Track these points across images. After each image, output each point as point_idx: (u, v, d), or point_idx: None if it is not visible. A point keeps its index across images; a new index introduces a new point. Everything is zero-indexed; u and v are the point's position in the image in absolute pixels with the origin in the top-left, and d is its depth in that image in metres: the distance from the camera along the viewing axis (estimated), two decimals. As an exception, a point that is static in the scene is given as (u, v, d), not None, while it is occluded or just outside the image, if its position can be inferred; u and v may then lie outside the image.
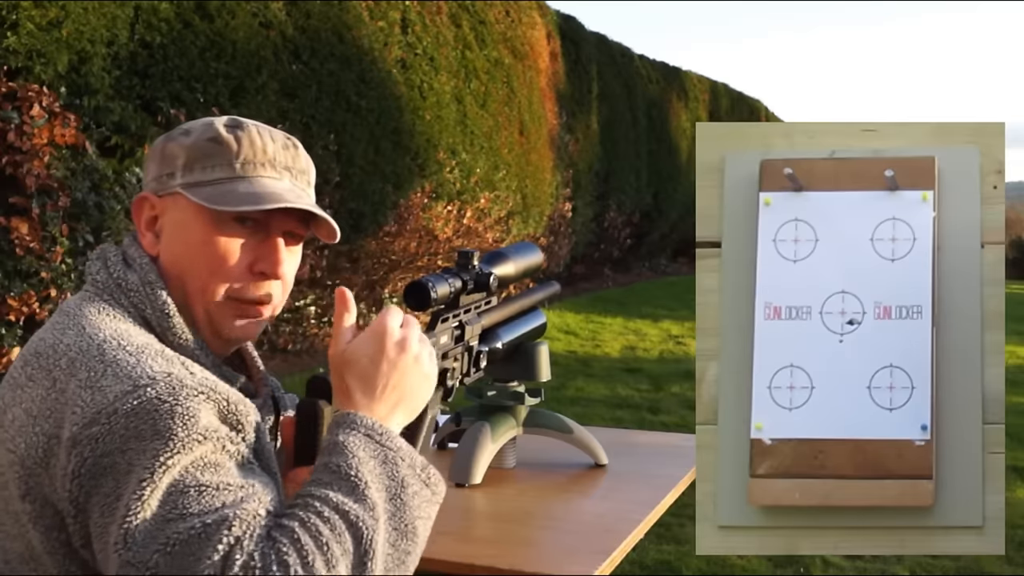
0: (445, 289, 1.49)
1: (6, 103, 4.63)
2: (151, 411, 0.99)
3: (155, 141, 1.24)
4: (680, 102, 15.13)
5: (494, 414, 1.86)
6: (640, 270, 14.60)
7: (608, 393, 6.61)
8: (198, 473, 0.98)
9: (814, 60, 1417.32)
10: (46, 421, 1.03)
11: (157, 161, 1.21)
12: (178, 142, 1.21)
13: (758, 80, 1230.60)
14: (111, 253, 1.20)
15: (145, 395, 0.99)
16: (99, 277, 1.17)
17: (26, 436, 1.03)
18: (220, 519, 0.95)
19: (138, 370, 1.02)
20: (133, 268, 1.18)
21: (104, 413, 0.99)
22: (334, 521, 0.98)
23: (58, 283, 4.64)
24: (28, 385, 1.06)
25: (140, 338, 1.09)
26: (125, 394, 1.00)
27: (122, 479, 0.97)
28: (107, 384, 1.01)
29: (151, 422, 0.98)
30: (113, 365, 1.03)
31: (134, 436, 0.98)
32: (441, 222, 7.99)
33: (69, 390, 1.02)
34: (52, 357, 1.07)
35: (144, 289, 1.15)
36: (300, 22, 6.97)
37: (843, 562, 3.69)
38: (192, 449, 0.98)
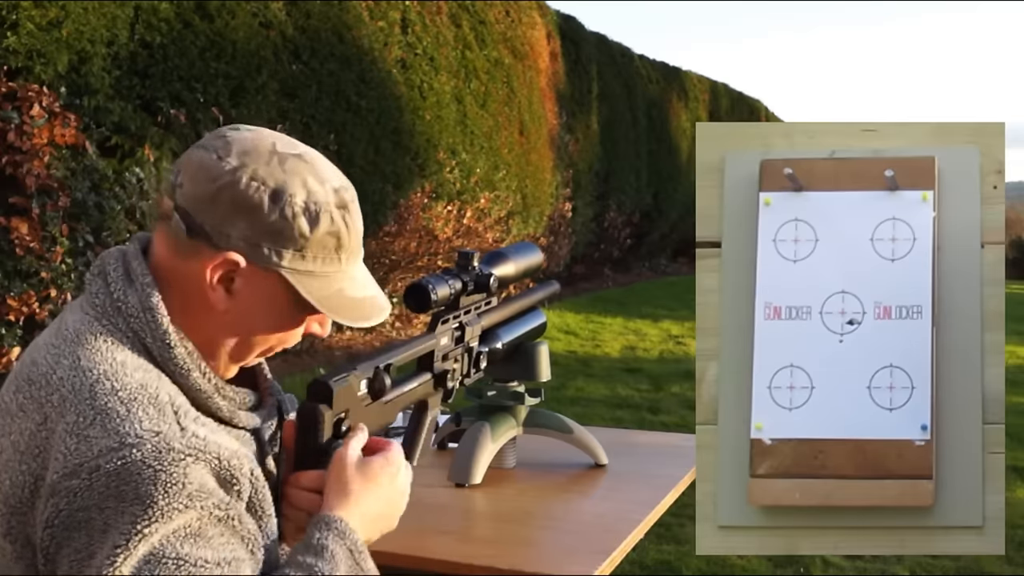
0: (445, 291, 1.49)
1: (6, 103, 4.63)
2: (134, 474, 0.96)
3: (245, 182, 1.08)
4: (680, 102, 15.13)
5: (494, 414, 1.86)
6: (640, 270, 14.60)
7: (608, 393, 6.61)
8: (178, 544, 0.95)
9: (814, 60, 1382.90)
10: (33, 460, 1.00)
11: (257, 222, 1.08)
12: (295, 223, 1.09)
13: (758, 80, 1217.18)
14: (112, 267, 1.12)
15: (130, 456, 0.96)
16: (98, 299, 1.10)
17: (12, 473, 1.01)
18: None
19: (126, 425, 0.98)
20: (135, 286, 1.10)
21: (86, 467, 0.96)
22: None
23: (58, 283, 4.64)
24: (19, 416, 1.03)
25: (136, 376, 1.03)
26: (110, 451, 0.96)
27: (96, 538, 0.95)
28: (93, 435, 0.97)
29: (133, 485, 0.95)
30: (103, 414, 0.99)
31: (113, 496, 0.95)
32: (441, 222, 8.00)
33: (57, 432, 0.99)
34: (45, 389, 1.03)
35: (145, 316, 1.08)
36: (300, 22, 6.97)
37: (843, 562, 3.69)
38: (173, 518, 0.96)
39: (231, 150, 1.09)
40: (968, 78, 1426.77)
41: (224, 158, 1.08)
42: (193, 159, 1.10)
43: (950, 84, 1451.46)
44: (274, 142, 1.12)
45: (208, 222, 1.08)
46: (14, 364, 1.17)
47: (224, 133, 1.13)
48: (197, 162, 1.09)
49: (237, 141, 1.10)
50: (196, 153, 1.11)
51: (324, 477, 1.18)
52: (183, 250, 1.09)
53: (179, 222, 1.08)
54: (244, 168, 1.08)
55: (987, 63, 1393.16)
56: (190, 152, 1.12)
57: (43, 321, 4.58)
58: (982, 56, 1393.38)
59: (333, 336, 7.58)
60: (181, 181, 1.09)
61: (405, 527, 1.23)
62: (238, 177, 1.08)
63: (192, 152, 1.11)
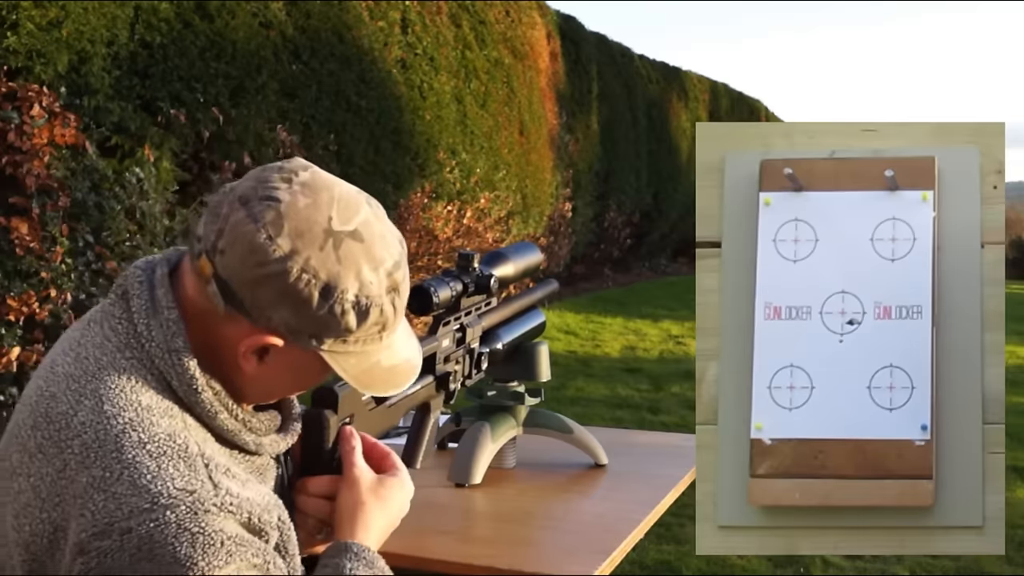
0: (447, 293, 1.50)
1: (6, 103, 4.62)
2: (169, 537, 0.94)
3: (295, 274, 1.02)
4: (680, 102, 15.13)
5: (494, 414, 1.86)
6: (640, 270, 14.60)
7: (608, 393, 6.61)
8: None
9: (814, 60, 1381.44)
10: (53, 509, 0.97)
11: (303, 315, 1.03)
12: (343, 319, 1.04)
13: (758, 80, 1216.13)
14: (136, 292, 1.07)
15: (163, 518, 0.94)
16: (121, 325, 1.06)
17: (31, 519, 0.98)
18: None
19: (157, 484, 0.95)
20: (159, 319, 1.05)
21: (117, 528, 0.94)
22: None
23: (58, 283, 4.64)
24: (37, 456, 1.00)
25: (163, 424, 1.00)
26: (142, 512, 0.94)
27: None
28: (122, 492, 0.95)
29: (170, 549, 0.94)
30: (131, 469, 0.96)
31: (147, 559, 0.93)
32: (441, 222, 7.99)
33: (79, 483, 0.96)
34: (64, 432, 0.99)
35: (170, 358, 1.04)
36: (300, 22, 6.97)
37: (843, 562, 3.69)
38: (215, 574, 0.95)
39: (283, 228, 1.01)
40: (968, 78, 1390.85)
41: (275, 239, 1.01)
42: (240, 232, 1.02)
43: (950, 84, 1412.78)
44: (330, 216, 1.04)
45: (249, 301, 1.03)
46: (29, 390, 1.10)
47: (275, 195, 1.03)
48: (244, 237, 1.02)
49: (291, 216, 1.02)
50: (243, 224, 1.02)
51: (332, 483, 1.18)
52: (218, 312, 1.05)
53: (217, 293, 1.03)
54: (296, 256, 1.01)
55: (987, 63, 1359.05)
56: (236, 217, 1.02)
57: (43, 321, 4.58)
58: (982, 56, 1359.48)
59: (333, 336, 7.57)
60: (223, 248, 1.02)
61: (405, 527, 1.23)
62: (288, 268, 1.01)
63: (238, 219, 1.02)
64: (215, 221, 1.04)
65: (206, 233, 1.04)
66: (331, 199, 1.05)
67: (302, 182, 1.05)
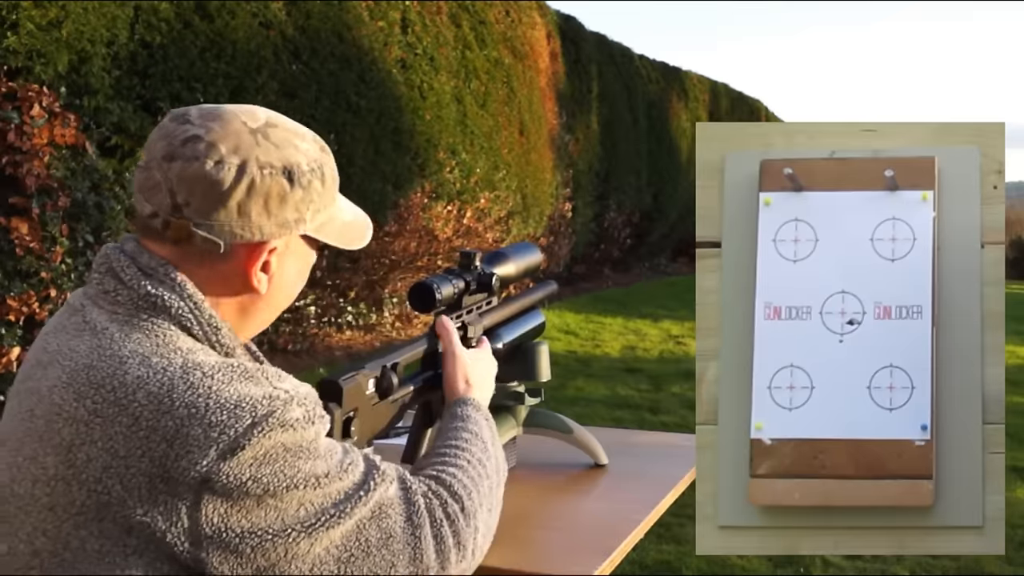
0: (449, 290, 1.50)
1: (6, 103, 4.62)
2: (277, 439, 1.04)
3: (256, 175, 1.10)
4: (680, 102, 15.13)
5: (494, 414, 1.86)
6: (640, 270, 14.60)
7: (608, 393, 6.61)
8: (331, 456, 1.08)
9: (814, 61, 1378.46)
10: (140, 460, 1.01)
11: (274, 204, 1.12)
12: (306, 188, 1.14)
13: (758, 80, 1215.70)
14: (118, 264, 1.12)
15: (267, 425, 1.03)
16: (121, 295, 1.10)
17: (120, 477, 1.02)
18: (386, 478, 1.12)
19: (245, 401, 1.03)
20: (158, 280, 1.11)
21: (229, 449, 1.01)
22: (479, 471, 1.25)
23: (58, 283, 4.63)
24: (96, 421, 1.03)
25: (211, 358, 1.07)
26: (246, 429, 1.02)
27: (271, 506, 1.03)
28: (218, 420, 1.02)
29: (281, 448, 1.04)
30: (214, 397, 1.02)
31: (267, 463, 1.03)
32: (441, 222, 7.99)
33: (165, 428, 1.01)
34: (120, 391, 1.03)
35: (186, 304, 1.10)
36: (300, 22, 6.97)
37: (843, 562, 3.69)
38: (317, 447, 1.07)
39: (220, 150, 1.09)
40: (968, 78, 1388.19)
41: (223, 161, 1.09)
42: (189, 176, 1.08)
43: (950, 84, 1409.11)
44: (243, 122, 1.12)
45: (238, 225, 1.10)
46: (31, 367, 1.15)
47: (191, 133, 1.10)
48: (197, 178, 1.08)
49: (217, 138, 1.10)
50: (187, 169, 1.08)
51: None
52: (214, 258, 1.12)
53: (207, 239, 1.10)
54: (247, 162, 1.10)
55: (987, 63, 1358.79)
56: (176, 170, 1.09)
57: (43, 321, 4.57)
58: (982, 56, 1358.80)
59: (333, 336, 7.58)
60: (184, 200, 1.09)
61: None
62: (250, 173, 1.10)
63: (179, 169, 1.09)
64: (157, 190, 1.10)
65: (157, 204, 1.10)
66: (231, 112, 1.13)
67: (198, 115, 1.12)
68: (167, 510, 1.01)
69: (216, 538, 1.02)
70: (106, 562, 1.03)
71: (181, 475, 1.01)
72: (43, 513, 1.05)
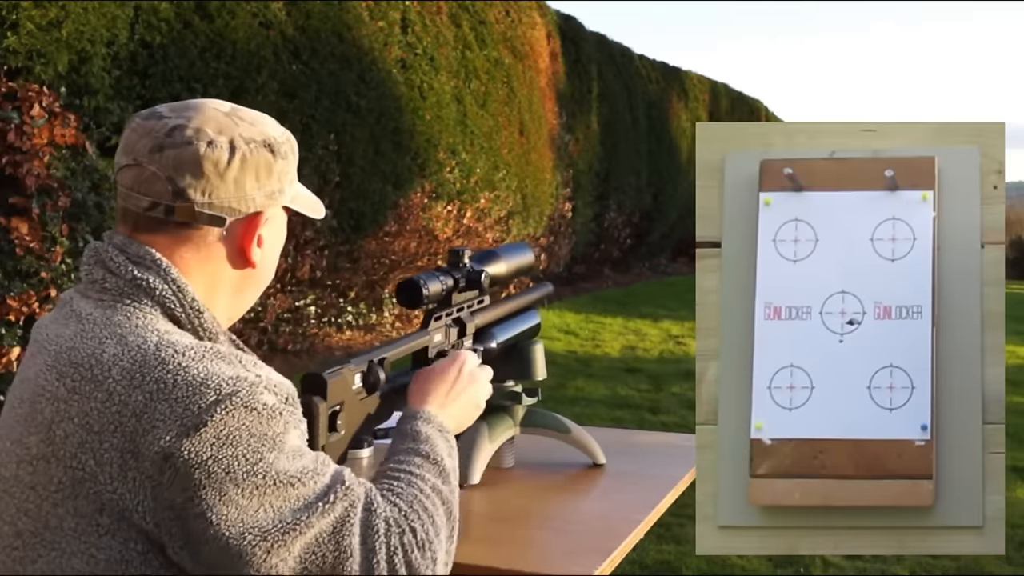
0: (437, 287, 1.51)
1: (6, 103, 4.62)
2: (240, 419, 1.04)
3: (245, 150, 1.17)
4: (680, 102, 15.13)
5: (491, 414, 1.86)
6: (640, 270, 14.60)
7: (608, 393, 6.61)
8: (296, 459, 1.08)
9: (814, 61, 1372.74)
10: (112, 436, 1.03)
11: (263, 175, 1.19)
12: (285, 159, 1.22)
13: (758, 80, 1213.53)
14: (108, 255, 1.16)
15: (231, 404, 1.04)
16: (108, 283, 1.14)
17: (94, 452, 1.04)
18: (343, 491, 1.09)
19: (212, 379, 1.05)
20: (145, 266, 1.14)
21: (192, 426, 1.02)
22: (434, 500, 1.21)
23: (58, 283, 4.63)
24: (73, 398, 1.06)
25: (187, 338, 1.10)
26: (210, 405, 1.03)
27: (232, 500, 1.03)
28: (183, 396, 1.03)
29: (245, 430, 1.04)
30: (182, 373, 1.04)
31: (230, 444, 1.03)
32: (441, 222, 7.99)
33: (134, 402, 1.03)
34: (97, 368, 1.06)
35: (170, 287, 1.13)
36: (300, 22, 6.97)
37: (843, 562, 3.69)
38: (284, 442, 1.07)
39: (207, 133, 1.15)
40: (968, 78, 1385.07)
41: (213, 142, 1.15)
42: (185, 160, 1.14)
43: (950, 84, 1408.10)
44: (214, 107, 1.19)
45: (236, 198, 1.16)
46: (24, 361, 1.18)
47: (172, 124, 1.15)
48: (193, 161, 1.14)
49: (199, 124, 1.16)
50: (181, 155, 1.14)
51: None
52: (211, 239, 1.17)
53: (213, 217, 1.15)
54: (234, 139, 1.16)
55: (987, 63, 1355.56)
56: (169, 159, 1.14)
57: (43, 321, 4.57)
58: (982, 56, 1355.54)
59: (333, 336, 7.58)
60: (185, 184, 1.14)
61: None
62: (239, 149, 1.16)
63: (172, 157, 1.14)
64: (154, 181, 1.14)
65: (157, 194, 1.15)
66: (199, 102, 1.20)
67: (169, 110, 1.18)
68: (134, 487, 1.03)
69: (177, 521, 1.03)
70: (82, 541, 1.05)
71: (147, 450, 1.02)
72: (25, 492, 1.07)
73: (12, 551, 1.08)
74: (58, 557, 1.05)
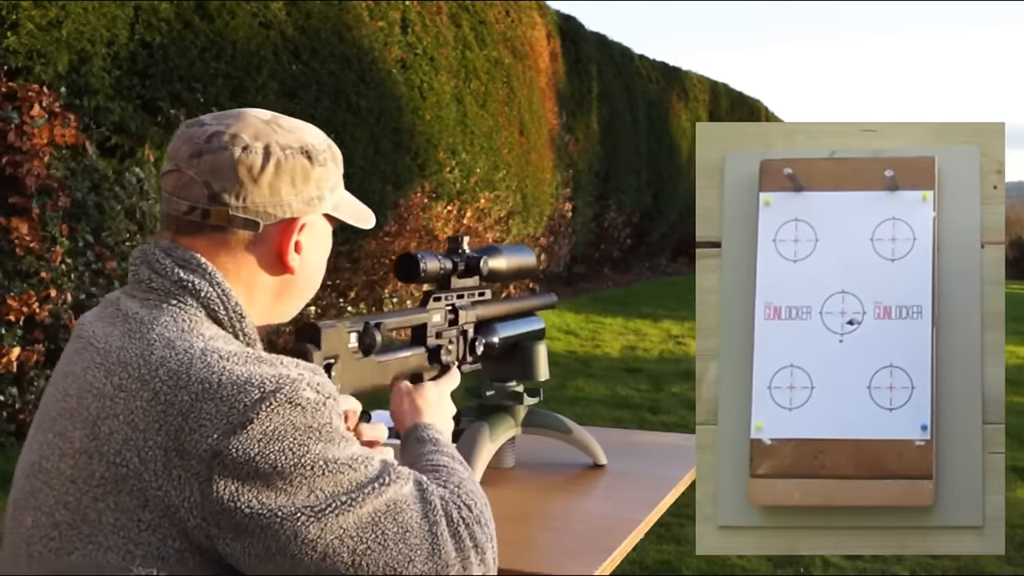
0: (435, 264, 1.53)
1: (6, 103, 4.62)
2: (287, 414, 1.06)
3: (280, 156, 1.20)
4: (680, 102, 15.13)
5: (492, 414, 1.86)
6: (640, 270, 14.60)
7: (608, 393, 6.61)
8: (344, 447, 1.10)
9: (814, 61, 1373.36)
10: (157, 434, 1.05)
11: (299, 181, 1.21)
12: (324, 166, 1.24)
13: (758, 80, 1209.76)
14: (153, 257, 1.19)
15: (276, 400, 1.06)
16: (155, 283, 1.17)
17: (138, 450, 1.06)
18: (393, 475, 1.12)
19: (256, 378, 1.07)
20: (191, 269, 1.17)
21: (238, 424, 1.04)
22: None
23: (58, 283, 4.63)
24: (119, 396, 1.08)
25: (232, 344, 1.13)
26: (255, 403, 1.05)
27: (280, 489, 1.05)
28: (228, 395, 1.05)
29: (291, 424, 1.06)
30: (226, 374, 1.06)
31: (276, 439, 1.05)
32: (441, 222, 7.99)
33: (180, 402, 1.05)
34: (144, 369, 1.08)
35: (215, 290, 1.16)
36: (300, 22, 6.97)
37: (843, 562, 3.69)
38: (330, 432, 1.09)
39: (243, 139, 1.18)
40: (968, 78, 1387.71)
41: (249, 147, 1.18)
42: (221, 165, 1.17)
43: (950, 84, 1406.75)
44: (255, 115, 1.22)
45: (270, 203, 1.19)
46: (67, 356, 1.20)
47: (212, 131, 1.19)
48: (229, 165, 1.18)
49: (238, 129, 1.19)
50: (218, 160, 1.17)
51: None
52: (248, 244, 1.20)
53: (248, 220, 1.18)
54: (270, 145, 1.19)
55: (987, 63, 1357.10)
56: (206, 164, 1.18)
57: (43, 321, 4.57)
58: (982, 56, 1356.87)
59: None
60: (221, 188, 1.17)
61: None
62: (275, 154, 1.19)
63: (209, 162, 1.18)
64: (192, 185, 1.18)
65: (194, 198, 1.18)
66: (242, 111, 1.23)
67: (212, 118, 1.22)
68: (180, 484, 1.04)
69: (227, 515, 1.04)
70: (120, 535, 1.06)
71: (194, 448, 1.04)
72: (66, 485, 1.09)
73: (49, 542, 1.09)
74: (95, 551, 1.07)
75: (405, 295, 7.25)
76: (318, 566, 1.06)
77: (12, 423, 4.68)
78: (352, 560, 1.07)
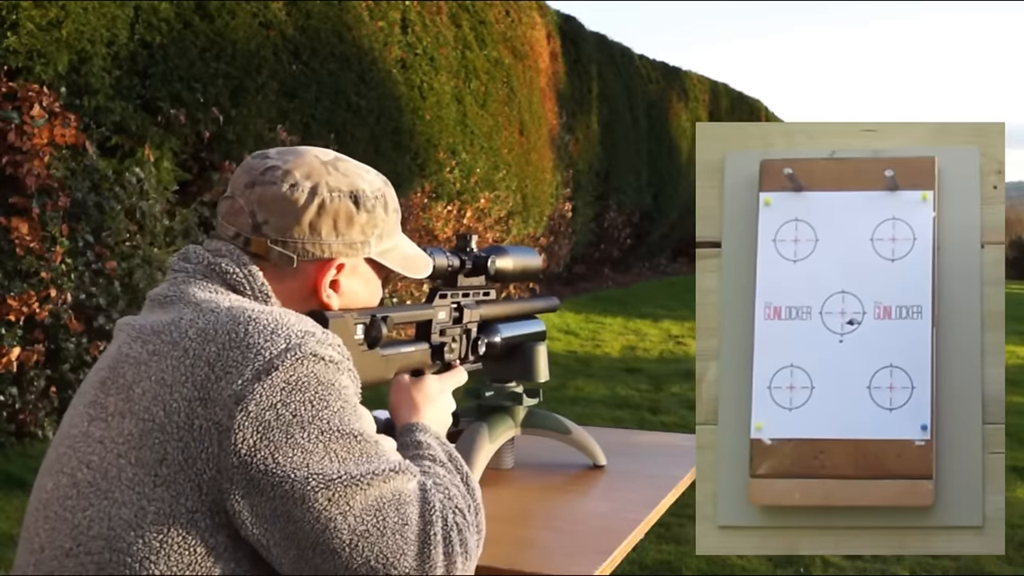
0: (443, 261, 1.53)
1: (6, 103, 4.62)
2: (310, 366, 1.10)
3: (326, 197, 1.25)
4: (680, 102, 15.13)
5: (492, 414, 1.86)
6: (640, 270, 14.60)
7: (608, 393, 6.61)
8: (360, 418, 1.14)
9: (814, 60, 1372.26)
10: (183, 387, 1.09)
11: (342, 224, 1.26)
12: (371, 212, 1.28)
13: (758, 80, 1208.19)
14: (193, 250, 1.26)
15: (300, 352, 1.10)
16: (189, 265, 1.23)
17: (164, 403, 1.09)
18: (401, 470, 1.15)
19: (282, 330, 1.11)
20: (222, 256, 1.23)
21: (264, 370, 1.08)
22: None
23: (58, 283, 4.63)
24: (153, 359, 1.12)
25: (252, 304, 1.18)
26: (280, 352, 1.09)
27: (299, 444, 1.07)
28: (255, 343, 1.09)
29: (313, 376, 1.10)
30: (253, 325, 1.11)
31: (299, 389, 1.09)
32: (441, 222, 8.00)
33: (207, 353, 1.09)
34: (175, 331, 1.13)
35: (241, 271, 1.22)
36: (300, 22, 6.97)
37: (843, 562, 3.69)
38: (348, 396, 1.13)
39: (295, 176, 1.24)
40: (968, 78, 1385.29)
41: (297, 185, 1.24)
42: (269, 198, 1.24)
43: (950, 84, 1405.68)
44: (315, 155, 1.28)
45: (309, 241, 1.24)
46: (105, 352, 1.24)
47: (269, 164, 1.26)
48: (275, 199, 1.24)
49: (293, 167, 1.25)
50: (267, 192, 1.24)
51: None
52: (286, 274, 1.25)
53: (283, 254, 1.23)
54: (319, 186, 1.25)
55: (987, 63, 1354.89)
56: (257, 195, 1.24)
57: (43, 321, 4.57)
58: (982, 56, 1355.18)
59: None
60: (263, 219, 1.23)
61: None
62: (321, 195, 1.24)
63: (260, 193, 1.24)
64: (240, 214, 1.25)
65: (240, 226, 1.25)
66: (305, 148, 1.30)
67: (276, 152, 1.28)
68: (200, 435, 1.07)
69: (242, 469, 1.06)
70: (135, 491, 1.08)
71: (218, 395, 1.07)
72: (92, 446, 1.12)
73: (65, 500, 1.11)
74: (109, 506, 1.08)
75: (405, 295, 7.25)
76: (318, 536, 1.07)
77: (12, 423, 4.68)
78: (350, 539, 1.08)
